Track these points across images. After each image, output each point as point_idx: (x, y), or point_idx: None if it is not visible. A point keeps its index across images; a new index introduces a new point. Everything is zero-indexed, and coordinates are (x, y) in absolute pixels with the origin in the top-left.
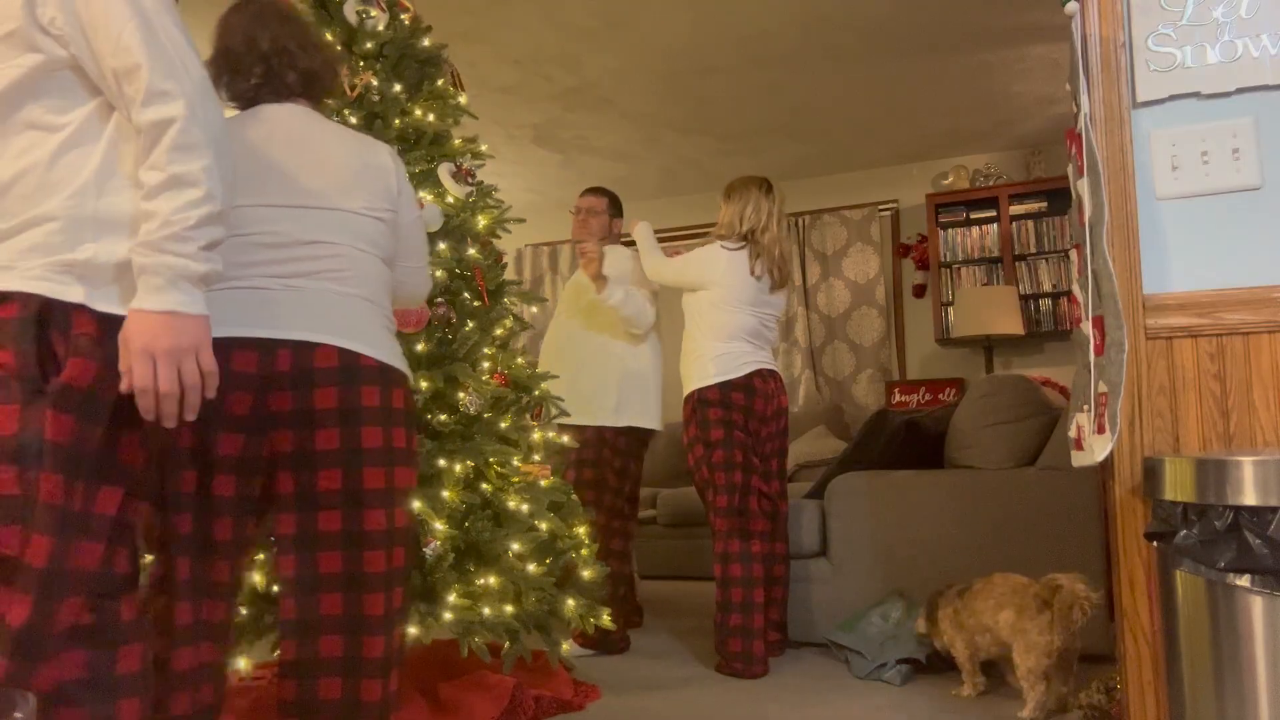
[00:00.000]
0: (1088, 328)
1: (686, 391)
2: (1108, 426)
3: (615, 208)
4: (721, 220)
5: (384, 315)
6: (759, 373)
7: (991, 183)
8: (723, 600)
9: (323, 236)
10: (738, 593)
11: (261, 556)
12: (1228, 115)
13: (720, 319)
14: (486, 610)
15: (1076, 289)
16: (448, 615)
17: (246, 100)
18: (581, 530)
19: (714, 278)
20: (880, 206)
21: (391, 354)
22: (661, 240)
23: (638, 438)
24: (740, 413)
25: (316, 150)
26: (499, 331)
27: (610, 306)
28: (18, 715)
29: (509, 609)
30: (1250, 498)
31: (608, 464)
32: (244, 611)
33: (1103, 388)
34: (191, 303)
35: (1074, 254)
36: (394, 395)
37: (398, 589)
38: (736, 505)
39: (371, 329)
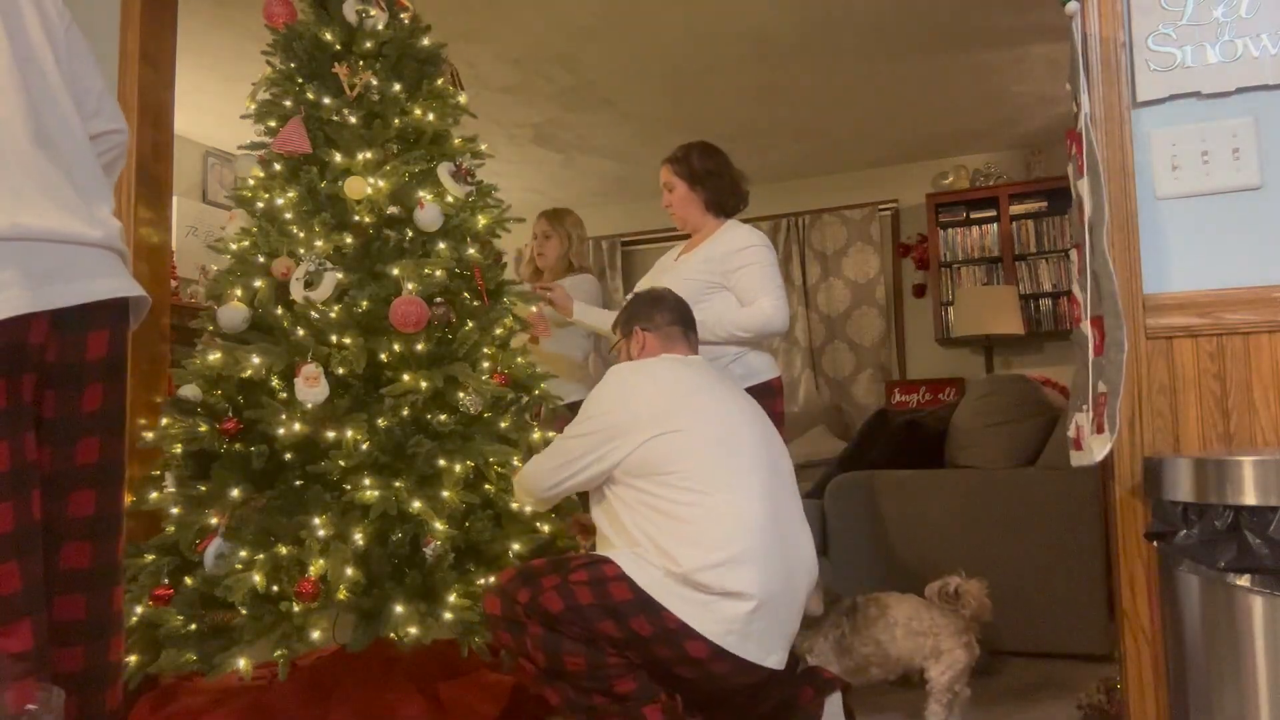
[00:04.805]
0: (1088, 327)
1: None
2: (1107, 426)
3: None
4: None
5: None
6: None
7: (991, 182)
8: None
9: None
10: None
11: (261, 556)
12: (1228, 115)
13: None
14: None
15: (1076, 289)
16: (448, 615)
17: None
18: None
19: None
20: (880, 206)
21: None
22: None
23: None
24: None
25: None
26: (499, 331)
27: None
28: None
29: None
30: (1250, 497)
31: None
32: (244, 611)
33: (1102, 387)
34: None
35: (1074, 254)
36: None
37: None
38: None
39: None
